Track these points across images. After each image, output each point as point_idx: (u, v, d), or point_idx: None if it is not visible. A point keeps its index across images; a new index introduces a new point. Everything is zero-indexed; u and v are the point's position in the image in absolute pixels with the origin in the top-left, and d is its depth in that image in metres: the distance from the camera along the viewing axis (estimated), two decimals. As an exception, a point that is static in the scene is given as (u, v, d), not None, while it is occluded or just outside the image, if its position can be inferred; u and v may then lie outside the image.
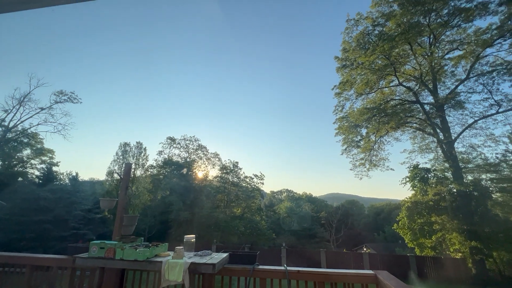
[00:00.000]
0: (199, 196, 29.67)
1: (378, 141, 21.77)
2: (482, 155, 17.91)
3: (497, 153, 17.38)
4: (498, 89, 17.29)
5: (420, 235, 19.41)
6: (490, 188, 17.24)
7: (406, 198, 21.49)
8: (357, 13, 20.51)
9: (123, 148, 37.06)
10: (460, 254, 16.68)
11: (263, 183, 33.51)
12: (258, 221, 31.67)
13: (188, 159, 32.80)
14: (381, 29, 19.45)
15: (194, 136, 34.43)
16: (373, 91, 22.08)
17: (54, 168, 29.57)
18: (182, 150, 34.01)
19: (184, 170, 31.16)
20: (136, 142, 37.48)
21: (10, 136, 27.17)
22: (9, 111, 26.16)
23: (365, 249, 34.53)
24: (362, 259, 17.66)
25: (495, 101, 17.38)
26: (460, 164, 17.85)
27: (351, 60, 21.52)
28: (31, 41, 47.23)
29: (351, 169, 22.69)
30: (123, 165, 3.39)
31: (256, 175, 33.27)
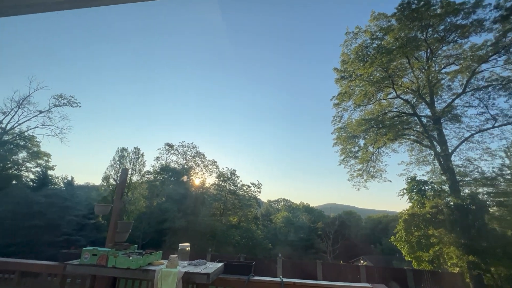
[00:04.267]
0: (195, 203, 29.38)
1: (376, 152, 21.84)
2: (479, 169, 17.93)
3: (493, 167, 17.41)
4: (494, 104, 17.52)
5: (417, 248, 19.20)
6: (487, 202, 17.20)
7: (404, 210, 21.36)
8: (356, 26, 20.99)
9: (120, 153, 36.90)
10: (457, 269, 16.47)
11: (260, 192, 33.37)
12: (254, 231, 31.31)
13: (185, 166, 32.65)
14: (379, 42, 19.86)
15: (192, 143, 34.44)
16: (371, 102, 22.34)
17: (50, 172, 29.30)
18: (179, 156, 33.92)
19: (184, 178, 30.95)
20: (134, 148, 37.32)
21: (7, 138, 26.98)
22: (7, 113, 26.09)
23: (362, 261, 34.12)
24: (359, 271, 17.38)
25: (491, 115, 17.58)
26: (457, 177, 17.87)
27: (349, 72, 21.85)
28: (33, 44, 47.59)
29: (348, 180, 22.62)
30: (120, 170, 3.36)
31: (253, 184, 33.14)
